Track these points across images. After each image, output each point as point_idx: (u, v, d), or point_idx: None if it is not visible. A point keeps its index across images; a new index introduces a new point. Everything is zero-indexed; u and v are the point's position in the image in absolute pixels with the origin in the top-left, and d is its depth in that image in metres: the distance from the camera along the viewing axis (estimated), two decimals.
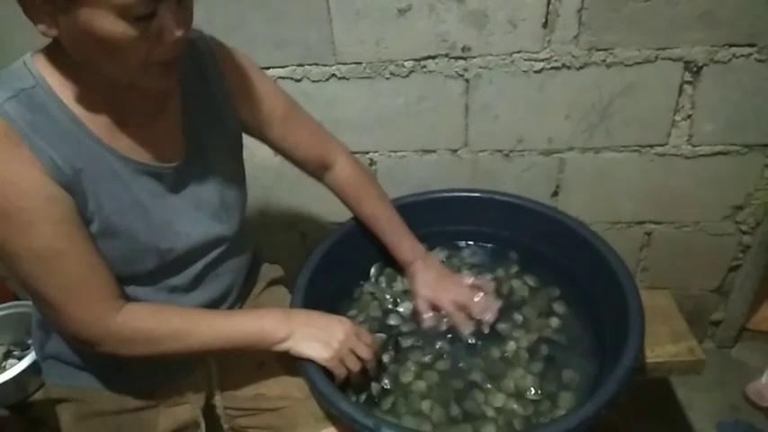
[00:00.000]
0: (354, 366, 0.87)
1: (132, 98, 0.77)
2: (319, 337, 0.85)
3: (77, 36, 0.64)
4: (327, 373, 0.85)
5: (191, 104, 0.86)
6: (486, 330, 1.01)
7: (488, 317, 1.02)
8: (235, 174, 0.94)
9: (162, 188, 0.82)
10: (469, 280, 1.08)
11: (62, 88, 0.72)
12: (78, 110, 0.73)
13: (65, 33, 0.65)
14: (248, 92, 0.93)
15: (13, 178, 0.67)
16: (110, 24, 0.62)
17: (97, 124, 0.75)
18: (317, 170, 1.06)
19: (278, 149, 1.01)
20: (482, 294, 1.04)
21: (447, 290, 1.04)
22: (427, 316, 1.04)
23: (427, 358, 0.98)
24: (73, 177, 0.71)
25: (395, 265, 1.14)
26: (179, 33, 0.67)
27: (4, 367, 1.21)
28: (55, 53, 0.71)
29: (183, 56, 0.72)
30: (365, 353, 0.87)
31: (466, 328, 1.01)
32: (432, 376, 0.96)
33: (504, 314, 1.05)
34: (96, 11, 0.61)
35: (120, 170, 0.77)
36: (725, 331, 1.58)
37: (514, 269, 1.15)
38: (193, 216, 0.86)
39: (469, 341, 1.01)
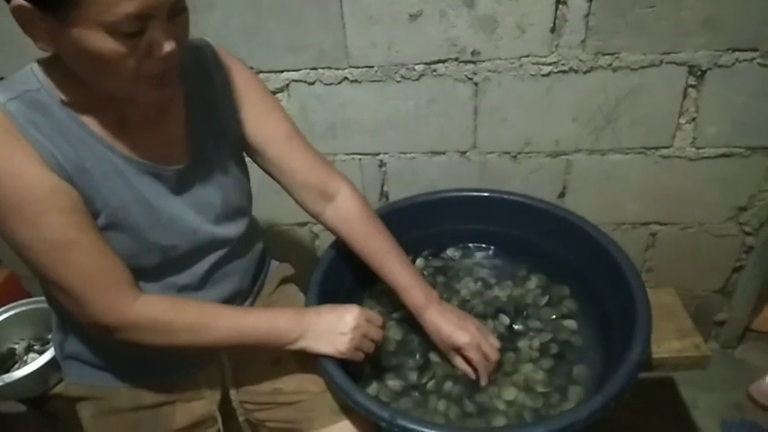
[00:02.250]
0: (369, 349, 0.90)
1: (133, 104, 0.79)
2: (332, 332, 0.87)
3: (72, 52, 0.67)
4: (343, 363, 0.88)
5: (195, 109, 0.88)
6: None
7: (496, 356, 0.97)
8: (238, 178, 0.96)
9: (164, 189, 0.85)
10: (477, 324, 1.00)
11: (65, 93, 0.75)
12: (80, 112, 0.76)
13: (61, 49, 0.68)
14: (252, 105, 0.93)
15: (17, 171, 0.70)
16: (99, 41, 0.64)
17: (99, 126, 0.77)
18: (318, 201, 0.99)
19: (276, 172, 0.97)
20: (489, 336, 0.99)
21: (466, 334, 0.95)
22: (464, 367, 0.97)
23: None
24: (76, 174, 0.74)
25: None
26: (169, 48, 0.68)
27: (26, 361, 1.24)
28: (59, 61, 0.74)
29: (176, 69, 0.74)
30: (377, 335, 0.91)
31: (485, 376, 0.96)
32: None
33: (517, 312, 1.08)
34: (86, 28, 0.63)
35: (123, 168, 0.79)
36: (729, 331, 1.59)
37: (525, 268, 1.17)
38: (196, 217, 0.88)
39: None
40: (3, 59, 1.30)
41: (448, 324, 0.95)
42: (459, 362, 0.97)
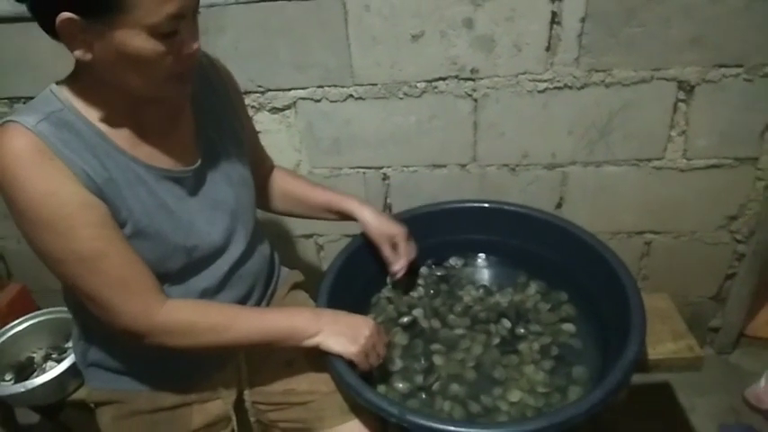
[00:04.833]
0: (375, 361, 0.94)
1: (149, 112, 0.86)
2: (346, 334, 0.92)
3: (111, 57, 0.73)
4: (351, 366, 0.92)
5: (201, 113, 0.95)
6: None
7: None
8: (245, 175, 1.02)
9: (183, 191, 0.90)
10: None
11: (86, 109, 0.81)
12: (103, 126, 0.82)
13: (99, 56, 0.74)
14: (240, 104, 1.06)
15: (52, 189, 0.75)
16: (142, 42, 0.72)
17: (120, 138, 0.83)
18: (261, 181, 1.16)
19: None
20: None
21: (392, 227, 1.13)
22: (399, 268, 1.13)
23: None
24: (104, 186, 0.79)
25: (409, 273, 1.19)
26: (196, 46, 0.77)
27: (45, 369, 1.27)
28: (76, 80, 0.81)
29: (195, 67, 0.83)
30: (383, 351, 0.96)
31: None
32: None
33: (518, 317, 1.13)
34: (130, 31, 0.71)
35: (145, 176, 0.85)
36: (723, 337, 1.63)
37: (525, 275, 1.22)
38: (212, 215, 0.94)
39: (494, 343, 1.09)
40: (24, 81, 1.37)
41: (383, 219, 1.13)
42: (387, 251, 1.12)
